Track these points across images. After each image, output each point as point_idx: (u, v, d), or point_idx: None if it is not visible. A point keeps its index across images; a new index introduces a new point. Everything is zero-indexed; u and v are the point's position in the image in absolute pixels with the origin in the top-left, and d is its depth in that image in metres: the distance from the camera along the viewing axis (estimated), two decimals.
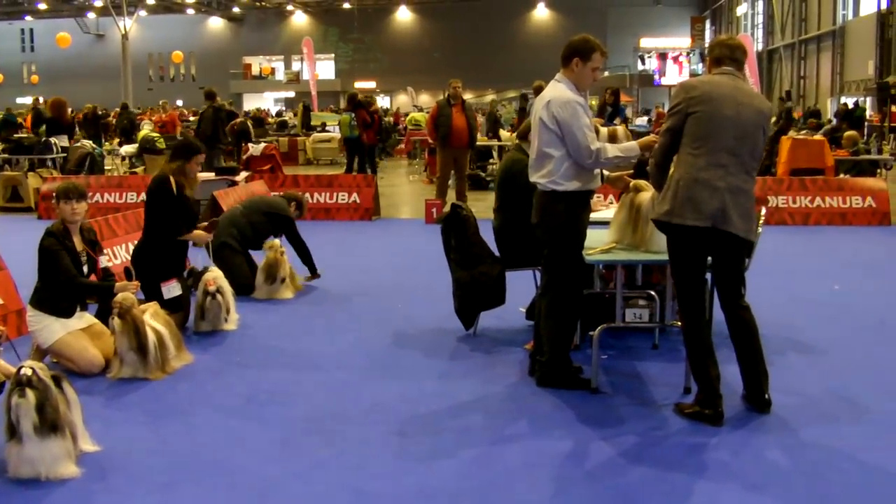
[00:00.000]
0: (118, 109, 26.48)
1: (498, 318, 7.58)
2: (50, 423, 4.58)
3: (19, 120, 21.01)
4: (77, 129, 19.66)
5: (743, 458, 4.91)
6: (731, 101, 5.34)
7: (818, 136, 18.63)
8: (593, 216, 6.36)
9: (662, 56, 57.26)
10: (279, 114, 42.78)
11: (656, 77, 57.10)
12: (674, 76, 55.11)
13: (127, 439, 5.23)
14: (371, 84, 62.35)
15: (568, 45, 5.94)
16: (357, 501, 4.45)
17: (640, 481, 4.64)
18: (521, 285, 7.59)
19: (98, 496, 4.51)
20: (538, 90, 13.89)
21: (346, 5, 63.95)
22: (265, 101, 63.03)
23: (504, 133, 24.93)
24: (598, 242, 6.25)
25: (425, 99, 47.79)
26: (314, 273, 9.46)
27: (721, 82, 5.46)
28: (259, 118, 30.61)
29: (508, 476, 4.70)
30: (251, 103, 58.84)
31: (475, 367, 6.64)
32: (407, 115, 33.47)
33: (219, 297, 7.61)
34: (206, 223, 7.91)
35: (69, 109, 19.28)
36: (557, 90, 5.87)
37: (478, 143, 16.97)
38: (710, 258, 5.52)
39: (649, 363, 6.66)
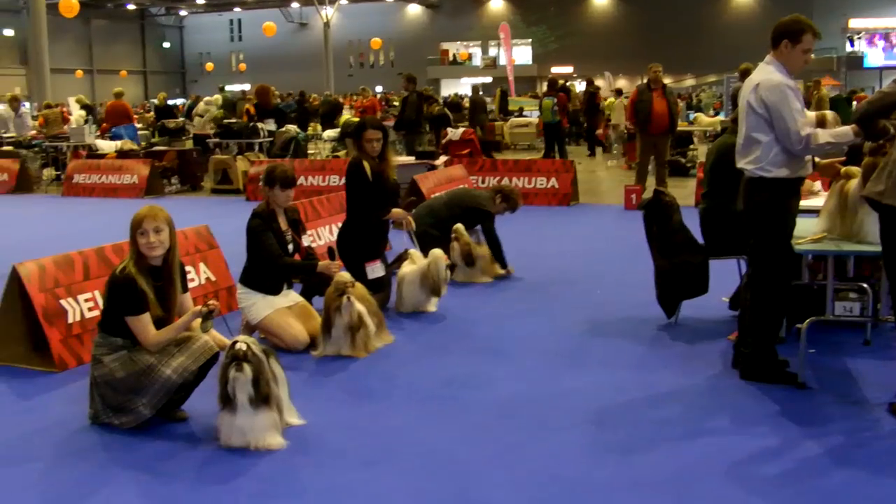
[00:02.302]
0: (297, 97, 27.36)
1: (700, 307, 7.39)
2: (263, 396, 4.81)
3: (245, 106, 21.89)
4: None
5: None
6: None
7: None
8: (803, 204, 6.09)
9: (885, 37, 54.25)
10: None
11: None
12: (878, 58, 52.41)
13: (328, 416, 5.40)
14: (568, 69, 61.81)
15: (777, 27, 5.71)
16: (554, 487, 4.44)
17: (846, 483, 4.43)
18: (725, 274, 7.40)
19: (302, 469, 4.67)
20: (744, 73, 13.49)
21: None
22: (462, 87, 63.58)
23: (704, 118, 24.40)
24: (807, 231, 6.00)
25: (623, 84, 46.94)
26: (504, 268, 9.43)
27: None
28: (456, 103, 30.90)
29: (706, 471, 4.57)
30: (448, 89, 59.51)
31: (675, 356, 6.52)
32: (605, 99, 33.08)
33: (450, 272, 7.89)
34: (405, 202, 8.08)
35: (276, 95, 20.01)
36: (766, 73, 5.66)
37: (678, 128, 16.60)
38: None
39: (860, 360, 6.34)
